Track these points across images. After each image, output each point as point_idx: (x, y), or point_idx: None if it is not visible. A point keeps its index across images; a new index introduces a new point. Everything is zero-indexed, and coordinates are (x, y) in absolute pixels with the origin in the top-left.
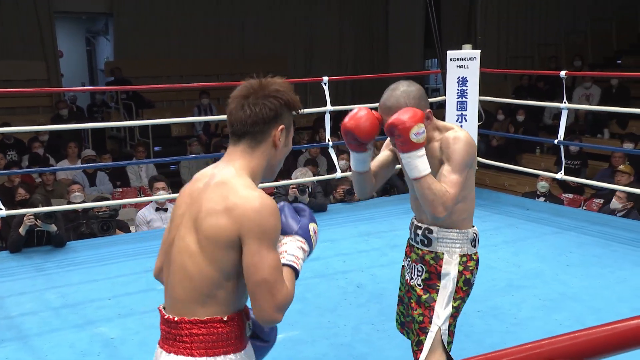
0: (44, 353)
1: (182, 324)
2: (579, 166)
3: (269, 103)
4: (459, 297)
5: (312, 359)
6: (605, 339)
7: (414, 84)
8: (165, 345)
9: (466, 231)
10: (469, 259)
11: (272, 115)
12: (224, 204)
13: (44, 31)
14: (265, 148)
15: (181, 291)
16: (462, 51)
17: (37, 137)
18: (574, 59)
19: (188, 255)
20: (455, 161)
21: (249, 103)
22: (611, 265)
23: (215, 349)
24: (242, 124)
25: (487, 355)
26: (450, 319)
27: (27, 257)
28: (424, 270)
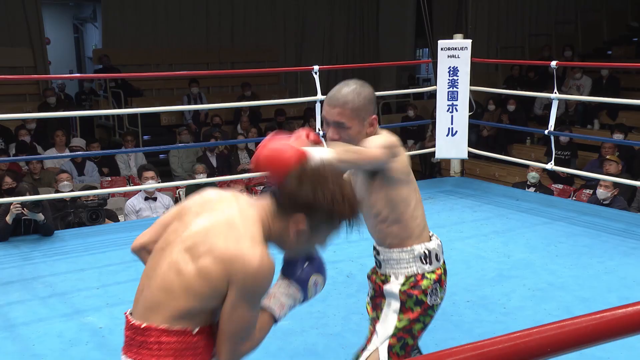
0: (32, 342)
1: (149, 330)
2: (569, 157)
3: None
4: (407, 318)
5: (302, 349)
6: (594, 327)
7: (368, 86)
8: (128, 352)
9: (411, 249)
10: (420, 279)
11: (306, 205)
12: (225, 252)
13: (30, 17)
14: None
15: (154, 299)
16: (453, 41)
17: (24, 125)
18: (565, 50)
19: (176, 273)
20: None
21: (306, 184)
22: (600, 255)
23: (182, 356)
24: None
25: (476, 343)
26: (391, 339)
27: (14, 245)
28: (372, 288)
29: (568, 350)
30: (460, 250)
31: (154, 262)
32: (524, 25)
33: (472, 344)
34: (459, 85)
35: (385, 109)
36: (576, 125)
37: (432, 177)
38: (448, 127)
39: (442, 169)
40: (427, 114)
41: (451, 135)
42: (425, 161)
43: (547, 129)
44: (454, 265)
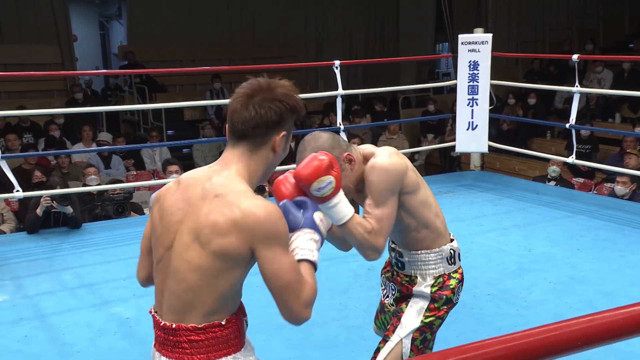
0: (62, 332)
1: (180, 330)
2: (589, 150)
3: (274, 107)
4: (433, 314)
5: (323, 340)
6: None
7: (323, 136)
8: (163, 350)
9: (439, 250)
10: (447, 278)
11: (277, 119)
12: (230, 220)
13: (58, 15)
14: (264, 152)
15: (182, 302)
16: (474, 35)
17: (53, 120)
18: (586, 43)
19: (191, 270)
20: (374, 193)
21: (254, 103)
22: (623, 249)
23: (216, 351)
24: (244, 125)
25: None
26: (416, 332)
27: (44, 238)
28: (396, 290)
29: (599, 344)
30: (480, 243)
31: (166, 263)
32: (544, 19)
33: (500, 337)
34: (480, 80)
35: (405, 104)
36: (597, 119)
37: (452, 171)
38: (468, 121)
39: (462, 162)
40: (447, 108)
41: (471, 129)
42: (445, 155)
43: (568, 123)
44: (474, 258)
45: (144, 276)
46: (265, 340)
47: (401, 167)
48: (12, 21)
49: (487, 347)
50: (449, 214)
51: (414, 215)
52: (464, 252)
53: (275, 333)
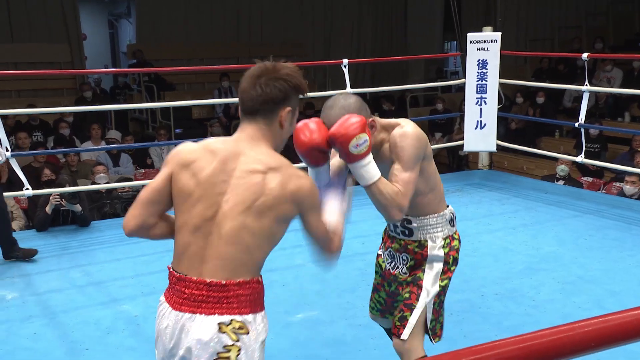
0: (70, 329)
1: (229, 286)
2: (598, 149)
3: (279, 85)
4: (447, 277)
5: (331, 339)
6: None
7: (352, 96)
8: (199, 309)
9: (443, 213)
10: (451, 239)
11: (281, 96)
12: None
13: (68, 14)
14: (274, 127)
15: (237, 260)
16: (483, 33)
17: (62, 119)
18: (595, 42)
19: (251, 234)
20: (404, 158)
21: (260, 83)
22: (631, 248)
23: (256, 306)
24: (252, 102)
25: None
26: (435, 297)
27: (53, 235)
28: (409, 259)
29: (612, 345)
30: (488, 242)
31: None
32: (553, 18)
33: (513, 338)
34: (488, 78)
35: (413, 102)
36: (606, 118)
37: (460, 169)
38: (477, 119)
39: (470, 161)
40: (455, 107)
41: (480, 128)
42: (453, 154)
43: (577, 122)
44: (482, 257)
45: (134, 225)
46: (272, 339)
47: (424, 136)
48: (22, 20)
49: (500, 348)
50: (457, 213)
51: (428, 180)
52: (472, 251)
53: (283, 332)
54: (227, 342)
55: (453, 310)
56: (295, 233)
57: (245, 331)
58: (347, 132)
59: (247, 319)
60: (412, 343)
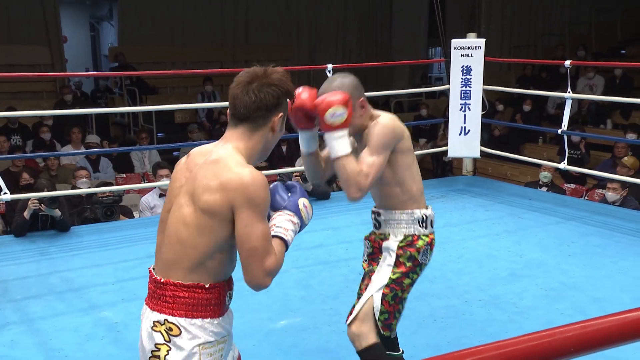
0: (49, 336)
1: (167, 285)
2: (580, 156)
3: (272, 91)
4: (400, 270)
5: (314, 346)
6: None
7: (349, 75)
8: (150, 302)
9: (411, 212)
10: (415, 239)
11: (274, 102)
12: (218, 180)
13: (48, 16)
14: (263, 132)
15: (172, 255)
16: (467, 40)
17: (42, 122)
18: (578, 49)
19: (184, 225)
20: (372, 143)
21: (253, 89)
22: (613, 255)
23: (194, 311)
24: (246, 109)
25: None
26: (385, 289)
27: (32, 241)
28: (371, 247)
29: (591, 350)
30: (472, 249)
31: (166, 221)
32: (537, 25)
33: (494, 344)
34: (472, 85)
35: (398, 108)
36: (589, 125)
37: (444, 176)
38: (461, 126)
39: (454, 167)
40: (440, 112)
41: (464, 134)
42: (437, 160)
43: (560, 129)
44: (466, 264)
45: None
46: (255, 346)
47: (400, 129)
48: (2, 21)
49: (481, 353)
50: (440, 219)
51: (395, 172)
52: (456, 257)
53: (265, 339)
54: (159, 340)
55: (437, 317)
56: None
57: (175, 333)
58: (326, 100)
59: (180, 321)
60: (359, 329)
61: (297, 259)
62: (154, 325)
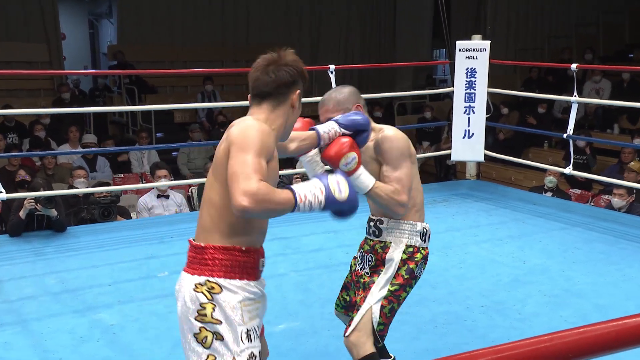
0: (43, 338)
1: (207, 249)
2: (586, 161)
3: (289, 70)
4: (398, 282)
5: (313, 350)
6: (616, 334)
7: (348, 85)
8: (189, 269)
9: (415, 223)
10: (415, 251)
11: (292, 80)
12: (227, 134)
13: (46, 13)
14: (284, 108)
15: (208, 219)
16: (472, 42)
17: (38, 120)
18: (585, 52)
19: (210, 187)
20: (391, 159)
21: (272, 70)
22: (618, 262)
23: (233, 272)
24: (267, 86)
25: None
26: (384, 300)
27: (27, 241)
28: (373, 259)
29: (589, 356)
30: (475, 254)
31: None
32: (543, 27)
33: (491, 348)
34: (477, 87)
35: (401, 110)
36: (595, 130)
37: (447, 179)
38: (465, 129)
39: (458, 171)
40: (444, 115)
41: (468, 137)
42: (441, 163)
43: (566, 133)
44: (468, 269)
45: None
46: None
47: (406, 137)
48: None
49: (478, 358)
50: (443, 223)
51: (396, 170)
52: (458, 262)
53: None
54: (203, 300)
55: (438, 322)
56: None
57: (217, 291)
58: (336, 153)
59: (220, 281)
60: (358, 339)
61: (297, 262)
62: (196, 287)
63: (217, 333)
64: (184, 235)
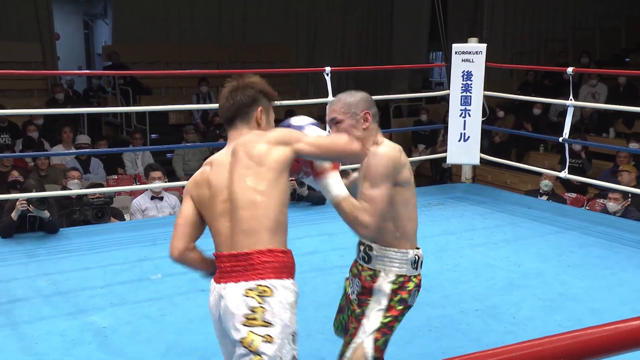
0: (34, 340)
1: (252, 254)
2: (582, 165)
3: (247, 92)
4: (390, 315)
5: (307, 354)
6: (608, 338)
7: (362, 92)
8: (232, 278)
9: (406, 251)
10: (407, 280)
11: (250, 100)
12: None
13: (41, 12)
14: (251, 125)
15: (254, 224)
16: (468, 44)
17: (31, 121)
18: (581, 56)
19: (254, 191)
20: (371, 176)
21: (232, 95)
22: (613, 266)
23: (281, 273)
24: (229, 111)
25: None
26: (377, 333)
27: (19, 242)
28: (359, 286)
29: None
30: (469, 258)
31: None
32: (540, 31)
33: (485, 352)
34: (473, 90)
35: (397, 113)
36: (591, 133)
37: (442, 182)
38: (460, 132)
39: (453, 174)
40: (440, 118)
41: (463, 140)
42: (436, 166)
43: (562, 137)
44: (463, 273)
45: (182, 247)
46: None
47: (399, 160)
48: None
49: None
50: (438, 227)
51: (390, 207)
52: (453, 266)
53: None
54: (253, 304)
55: (432, 326)
56: None
57: (268, 294)
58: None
59: (272, 282)
60: None
61: None
62: (246, 293)
63: (267, 335)
64: None
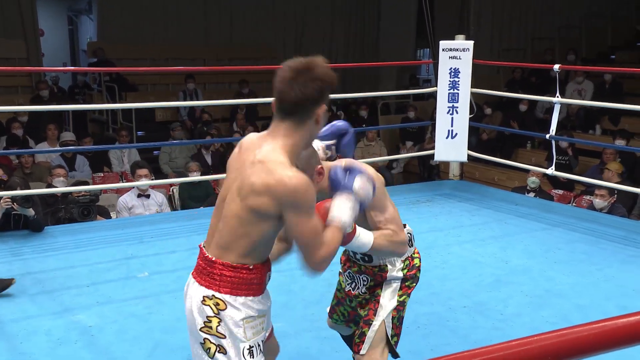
0: (19, 340)
1: (216, 264)
2: (569, 162)
3: (315, 85)
4: (405, 292)
5: (295, 352)
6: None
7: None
8: (198, 277)
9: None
10: (411, 260)
11: (318, 96)
12: (265, 184)
13: (24, 8)
14: (308, 125)
15: (227, 240)
16: (455, 42)
17: (16, 118)
18: (568, 54)
19: (235, 217)
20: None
21: (298, 84)
22: (599, 262)
23: (238, 290)
24: (291, 104)
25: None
26: (394, 311)
27: (3, 241)
28: (369, 279)
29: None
30: (457, 254)
31: (222, 209)
32: (527, 28)
33: (472, 351)
34: (460, 87)
35: (385, 110)
36: (578, 130)
37: (430, 179)
38: (448, 129)
39: (441, 171)
40: (427, 115)
41: (451, 137)
42: (424, 163)
43: (549, 134)
44: (451, 270)
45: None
46: None
47: (379, 175)
48: None
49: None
50: (426, 224)
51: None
52: (441, 263)
53: None
54: (210, 313)
55: (420, 323)
56: None
57: (222, 307)
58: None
59: (225, 297)
60: (372, 356)
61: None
62: (204, 300)
63: (220, 346)
64: (165, 235)
